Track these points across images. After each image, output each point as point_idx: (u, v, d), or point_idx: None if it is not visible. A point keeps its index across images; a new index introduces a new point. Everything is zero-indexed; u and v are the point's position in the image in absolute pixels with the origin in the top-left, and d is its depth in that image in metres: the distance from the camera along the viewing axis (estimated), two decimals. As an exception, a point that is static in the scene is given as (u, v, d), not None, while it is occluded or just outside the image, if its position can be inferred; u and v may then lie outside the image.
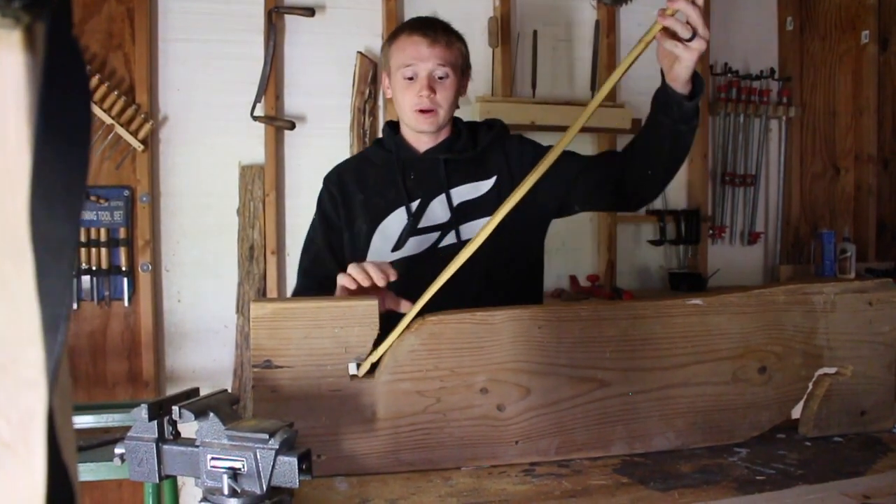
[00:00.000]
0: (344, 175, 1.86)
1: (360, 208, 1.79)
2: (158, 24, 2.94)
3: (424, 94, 1.70)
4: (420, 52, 1.70)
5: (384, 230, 1.76)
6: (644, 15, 3.46)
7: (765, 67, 3.67)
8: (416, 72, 1.71)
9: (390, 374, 1.25)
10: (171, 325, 2.96)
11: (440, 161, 1.76)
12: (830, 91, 3.88)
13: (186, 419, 1.01)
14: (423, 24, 1.76)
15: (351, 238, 1.79)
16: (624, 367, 1.34)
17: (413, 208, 1.75)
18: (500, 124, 1.85)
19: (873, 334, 1.48)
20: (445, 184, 1.75)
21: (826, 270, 3.59)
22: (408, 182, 1.77)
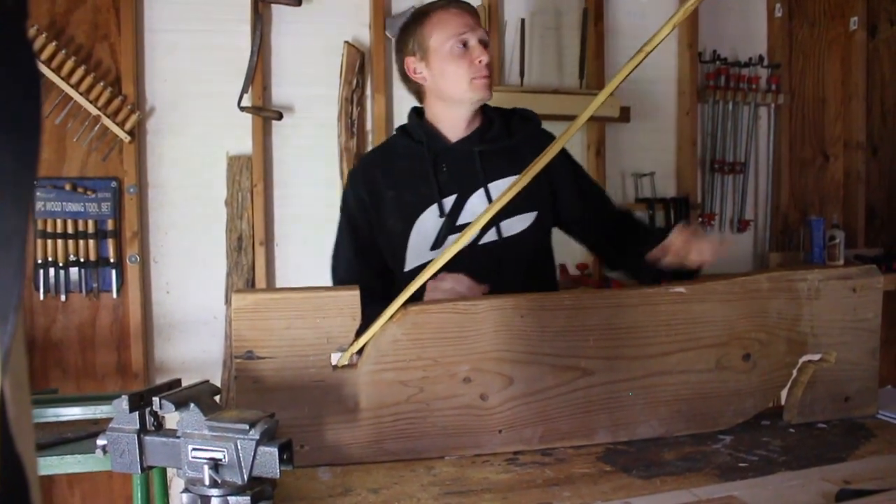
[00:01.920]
0: (371, 172, 1.78)
1: (391, 206, 1.72)
2: (144, 14, 2.92)
3: (484, 59, 1.66)
4: (468, 21, 1.68)
5: (420, 228, 1.70)
6: (632, 3, 3.45)
7: (753, 55, 3.66)
8: (468, 39, 1.67)
9: (373, 365, 1.25)
10: (159, 317, 2.95)
11: (475, 153, 1.71)
12: (819, 78, 3.87)
13: (167, 410, 1.02)
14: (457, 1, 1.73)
15: (387, 239, 1.74)
16: (607, 355, 1.34)
17: (447, 205, 1.69)
18: (536, 119, 1.81)
19: (857, 321, 1.49)
20: (482, 178, 1.70)
21: (815, 257, 3.59)
22: (440, 176, 1.71)
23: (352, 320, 1.24)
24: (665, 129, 3.52)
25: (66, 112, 2.78)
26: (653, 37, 1.32)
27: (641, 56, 1.33)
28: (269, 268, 3.03)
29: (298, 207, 3.07)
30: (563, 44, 3.36)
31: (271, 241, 3.04)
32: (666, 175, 3.55)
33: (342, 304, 1.24)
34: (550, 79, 3.33)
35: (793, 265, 3.63)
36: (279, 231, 3.06)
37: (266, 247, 3.00)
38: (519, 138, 1.73)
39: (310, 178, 3.07)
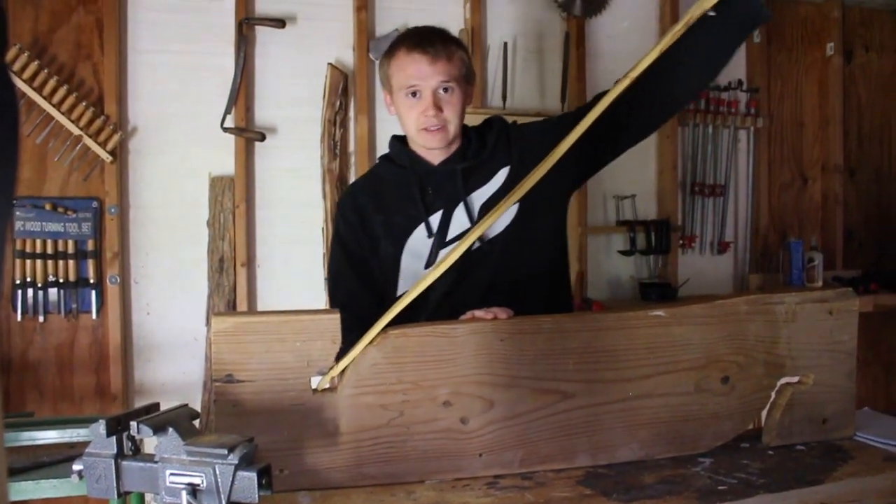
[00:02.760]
0: (359, 198, 1.78)
1: (381, 230, 1.73)
2: (128, 34, 2.93)
3: (430, 113, 1.64)
4: (421, 71, 1.65)
5: (411, 249, 1.70)
6: (613, 27, 3.50)
7: (733, 79, 3.70)
8: (419, 90, 1.65)
9: (353, 388, 1.25)
10: (139, 338, 2.93)
11: (457, 171, 1.71)
12: (797, 102, 3.93)
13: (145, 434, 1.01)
14: (421, 38, 1.69)
15: (379, 263, 1.73)
16: (587, 378, 1.34)
17: (434, 222, 1.70)
18: (497, 120, 1.81)
19: (834, 343, 1.50)
20: (463, 192, 1.70)
21: (794, 279, 3.63)
22: (426, 197, 1.71)
23: (332, 344, 1.24)
24: (646, 152, 3.55)
25: (47, 131, 2.77)
26: (639, 62, 1.33)
27: (627, 81, 1.35)
28: (251, 289, 3.02)
29: (281, 229, 3.07)
30: (545, 67, 3.40)
31: (253, 262, 3.04)
32: (647, 197, 3.58)
33: (322, 328, 1.24)
34: (533, 101, 3.35)
35: (772, 287, 3.66)
36: (261, 252, 3.05)
37: (248, 268, 3.00)
38: (491, 147, 1.74)
39: (292, 199, 3.07)
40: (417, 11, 3.17)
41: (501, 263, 1.67)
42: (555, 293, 1.80)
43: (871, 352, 4.02)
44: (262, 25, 3.01)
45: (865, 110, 4.03)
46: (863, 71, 4.02)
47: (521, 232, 1.68)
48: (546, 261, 1.78)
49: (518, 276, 1.69)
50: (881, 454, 1.42)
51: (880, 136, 4.07)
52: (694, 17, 1.33)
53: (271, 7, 3.05)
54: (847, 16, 3.94)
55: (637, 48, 3.46)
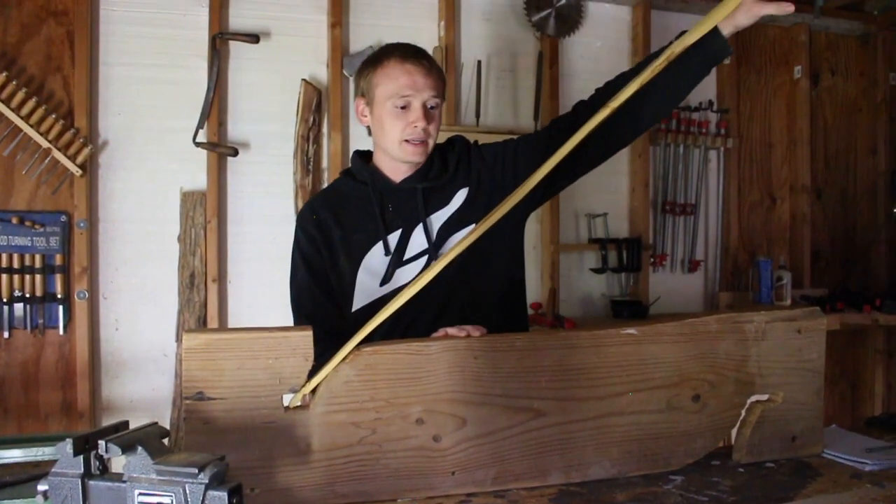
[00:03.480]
0: (319, 211, 1.76)
1: (340, 246, 1.72)
2: (100, 47, 2.91)
3: (420, 125, 1.64)
4: (416, 82, 1.64)
5: (368, 266, 1.70)
6: (586, 47, 3.53)
7: (703, 100, 3.76)
8: (410, 102, 1.64)
9: (325, 406, 1.24)
10: (107, 354, 2.89)
11: (418, 190, 1.71)
12: (766, 123, 4.00)
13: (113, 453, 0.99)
14: (414, 51, 1.69)
15: (337, 278, 1.72)
16: (560, 396, 1.35)
17: (392, 241, 1.70)
18: (460, 140, 1.81)
19: (802, 361, 1.51)
20: (423, 212, 1.70)
21: (763, 297, 3.67)
22: (386, 214, 1.71)
23: (304, 361, 1.23)
24: (618, 171, 3.59)
25: (15, 144, 2.74)
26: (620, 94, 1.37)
27: (607, 111, 1.37)
28: (222, 305, 3.00)
29: (253, 244, 3.05)
30: (518, 85, 3.42)
31: (224, 277, 3.02)
32: (619, 216, 3.61)
33: (294, 345, 1.23)
34: (506, 119, 3.38)
35: (742, 305, 3.70)
36: (233, 268, 3.03)
37: (219, 284, 2.97)
38: (452, 169, 1.75)
39: (265, 215, 3.06)
40: (392, 29, 3.19)
41: (456, 283, 1.67)
42: (509, 313, 1.80)
43: (837, 369, 4.08)
44: (236, 40, 3.01)
45: (831, 132, 4.10)
46: (829, 94, 4.10)
47: (477, 252, 1.67)
48: (501, 281, 1.78)
49: (472, 295, 1.70)
50: (848, 471, 1.44)
51: (846, 158, 4.15)
52: (675, 52, 1.36)
53: (245, 22, 3.05)
54: (814, 40, 4.02)
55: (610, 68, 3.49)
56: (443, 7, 3.25)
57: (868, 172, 4.18)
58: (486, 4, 3.38)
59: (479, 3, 3.37)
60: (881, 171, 4.16)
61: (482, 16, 3.38)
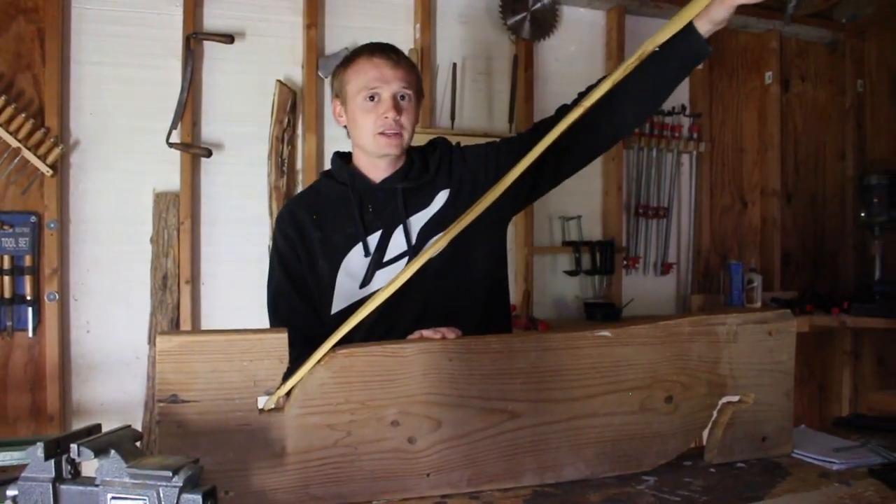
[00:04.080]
0: (297, 213, 1.75)
1: (319, 248, 1.70)
2: (71, 45, 2.87)
3: (390, 115, 1.64)
4: (384, 74, 1.65)
5: (347, 268, 1.68)
6: (560, 51, 3.56)
7: (676, 104, 3.80)
8: (379, 93, 1.65)
9: (300, 408, 1.24)
10: (78, 357, 2.86)
11: (398, 190, 1.70)
12: (738, 128, 4.05)
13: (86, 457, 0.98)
14: (382, 47, 1.71)
15: (316, 281, 1.71)
16: (534, 398, 1.35)
17: (372, 242, 1.69)
18: (441, 141, 1.81)
19: (773, 363, 1.54)
20: (403, 214, 1.69)
21: (734, 300, 3.72)
22: (366, 215, 1.70)
23: (279, 363, 1.23)
24: (592, 174, 3.62)
25: (-18, 143, 2.70)
26: (592, 93, 1.37)
27: (580, 110, 1.38)
28: (195, 307, 2.98)
29: (226, 246, 3.03)
30: (493, 88, 3.44)
31: (198, 279, 2.99)
32: (592, 218, 3.64)
33: (269, 347, 1.22)
34: (481, 122, 3.39)
35: (713, 307, 3.75)
36: (206, 269, 3.01)
37: (192, 285, 2.95)
38: (433, 170, 1.75)
39: (238, 216, 3.04)
40: (367, 30, 3.18)
41: (436, 286, 1.67)
42: (491, 314, 1.80)
43: (806, 370, 4.14)
44: (210, 41, 2.99)
45: (801, 137, 4.17)
46: (799, 100, 4.17)
47: (457, 255, 1.67)
48: (482, 284, 1.78)
49: (452, 298, 1.69)
50: (817, 470, 1.46)
51: (815, 163, 4.21)
52: (646, 51, 1.37)
53: (220, 22, 3.03)
54: (785, 46, 4.08)
55: (584, 71, 3.54)
56: (418, 9, 3.26)
57: (836, 177, 4.25)
58: (462, 7, 3.40)
59: (455, 5, 3.38)
60: (849, 177, 4.23)
61: (458, 18, 3.39)
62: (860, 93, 4.22)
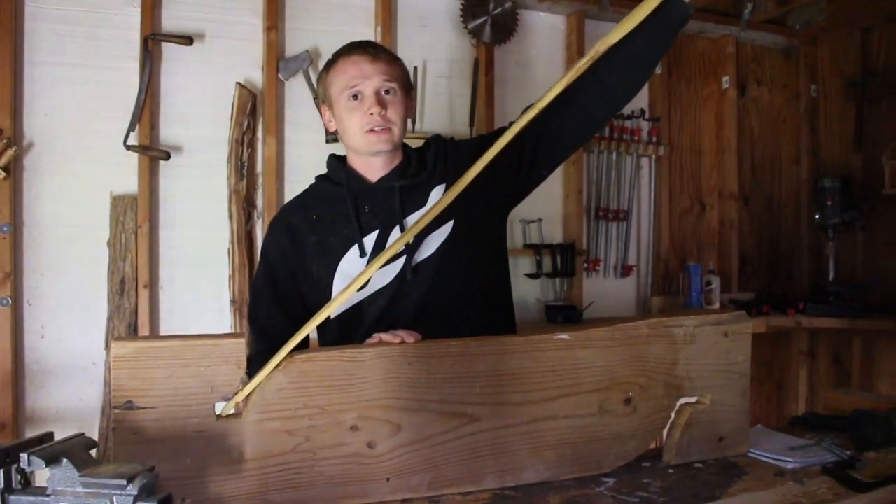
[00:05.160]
0: (292, 219, 1.73)
1: (314, 252, 1.68)
2: (25, 45, 2.81)
3: (375, 110, 1.61)
4: (363, 70, 1.62)
5: (344, 270, 1.65)
6: (521, 55, 3.58)
7: (636, 108, 3.84)
8: (361, 91, 1.62)
9: (258, 414, 1.23)
10: (32, 363, 2.80)
11: (395, 189, 1.67)
12: (696, 131, 4.11)
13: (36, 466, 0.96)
14: (360, 44, 1.68)
15: (312, 285, 1.68)
16: (493, 401, 1.36)
17: (368, 243, 1.65)
18: (435, 138, 1.79)
19: (729, 364, 1.56)
20: (400, 213, 1.66)
21: (693, 301, 3.77)
22: (362, 216, 1.67)
23: (236, 368, 1.21)
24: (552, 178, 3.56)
25: (-67, 146, 2.63)
26: (545, 94, 1.37)
27: (535, 111, 1.38)
28: (154, 311, 2.93)
29: (185, 250, 3.00)
30: (454, 91, 3.44)
31: (156, 284, 2.95)
32: (553, 221, 3.66)
33: (227, 353, 1.21)
34: (442, 125, 3.39)
35: (673, 309, 3.79)
36: (164, 274, 2.97)
37: (150, 290, 2.91)
38: (431, 166, 1.72)
39: (198, 219, 3.01)
40: (328, 33, 3.17)
41: (436, 284, 1.65)
42: (493, 312, 1.78)
43: (764, 370, 4.21)
44: (169, 42, 2.95)
45: (758, 141, 4.24)
46: (755, 104, 4.24)
47: (457, 252, 1.66)
48: (482, 280, 1.75)
49: (453, 296, 1.67)
50: (772, 469, 1.48)
51: (771, 166, 4.29)
52: (599, 52, 1.38)
53: (179, 23, 2.99)
54: (741, 51, 4.15)
55: (544, 75, 3.57)
56: (379, 12, 3.25)
57: (792, 180, 4.33)
58: (423, 11, 3.40)
59: (416, 9, 3.38)
60: (804, 180, 4.31)
61: (419, 22, 3.39)
62: (814, 97, 4.31)
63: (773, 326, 3.71)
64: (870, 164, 3.95)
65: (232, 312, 3.00)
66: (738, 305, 3.74)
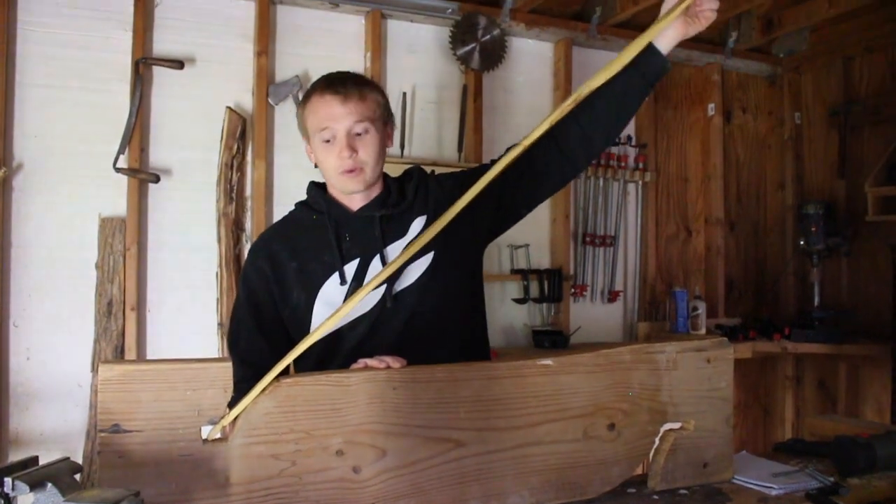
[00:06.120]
0: (272, 245, 1.74)
1: (294, 278, 1.68)
2: (16, 67, 2.83)
3: (345, 154, 1.63)
4: (333, 112, 1.64)
5: (324, 298, 1.66)
6: (509, 81, 3.61)
7: (623, 135, 3.87)
8: (333, 133, 1.64)
9: (244, 438, 1.23)
10: (17, 385, 2.79)
11: (376, 218, 1.69)
12: (682, 158, 4.15)
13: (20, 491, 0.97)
14: (332, 81, 1.69)
15: (291, 312, 1.69)
16: (479, 426, 1.37)
17: (349, 271, 1.67)
18: (416, 170, 1.80)
19: (712, 390, 1.58)
20: (381, 243, 1.68)
21: (680, 327, 3.78)
22: (343, 243, 1.69)
23: (223, 392, 1.22)
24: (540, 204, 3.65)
25: (-78, 167, 2.63)
26: (531, 132, 1.40)
27: (520, 149, 1.41)
28: (141, 334, 2.93)
29: (173, 272, 3.00)
30: (443, 117, 3.47)
31: (143, 306, 2.95)
32: (540, 247, 3.68)
33: (213, 376, 1.22)
34: (430, 150, 3.42)
35: (659, 334, 3.81)
36: (152, 296, 2.97)
37: (137, 312, 2.91)
38: (411, 198, 1.74)
39: (186, 242, 3.01)
40: (318, 58, 3.20)
41: (415, 313, 1.66)
42: (469, 341, 1.79)
43: (750, 395, 4.23)
44: (160, 66, 2.97)
45: (743, 167, 4.28)
46: (740, 131, 4.29)
47: (435, 282, 1.68)
48: (460, 311, 1.77)
49: (431, 325, 1.68)
50: (756, 496, 1.50)
51: (756, 192, 4.33)
52: (582, 94, 1.42)
53: (170, 48, 3.02)
54: (726, 79, 4.20)
55: (532, 102, 3.60)
56: (369, 38, 3.28)
57: (777, 206, 4.38)
58: (412, 37, 3.43)
59: (406, 35, 3.42)
60: (789, 206, 4.35)
61: (408, 48, 3.42)
62: (798, 125, 4.36)
63: (758, 351, 3.73)
64: (853, 191, 3.99)
65: (219, 336, 3.00)
66: (725, 331, 3.76)
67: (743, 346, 3.60)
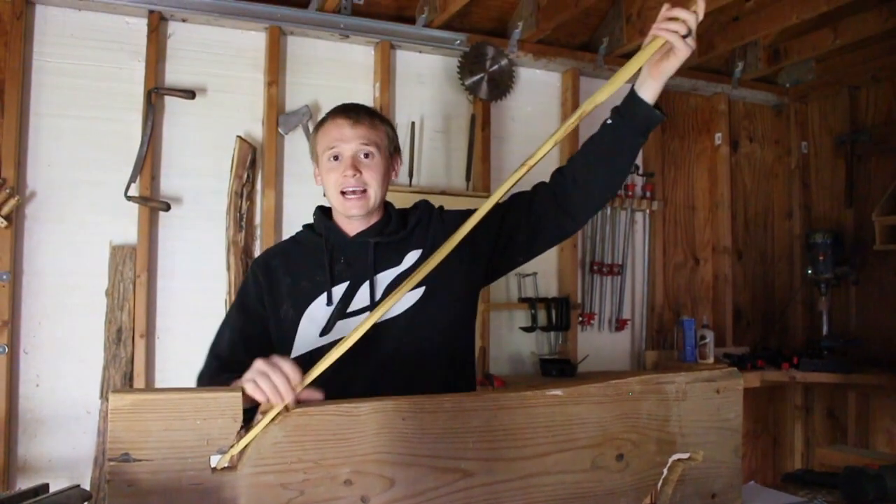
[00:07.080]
0: (271, 260, 1.81)
1: (286, 292, 1.74)
2: (31, 97, 2.87)
3: (349, 173, 1.68)
4: (343, 133, 1.70)
5: (311, 314, 1.71)
6: (517, 111, 3.64)
7: (630, 163, 3.89)
8: (339, 153, 1.70)
9: (253, 467, 1.23)
10: (26, 412, 2.80)
11: (370, 244, 1.73)
12: (689, 187, 4.16)
13: (32, 519, 0.97)
14: (346, 108, 1.76)
15: (278, 325, 1.74)
16: (487, 457, 1.37)
17: (337, 292, 1.71)
18: (423, 203, 1.85)
19: (721, 420, 1.57)
20: (372, 269, 1.72)
21: (688, 356, 3.77)
22: (336, 266, 1.74)
23: (233, 422, 1.23)
24: (538, 256, 3.66)
25: (-65, 194, 2.67)
26: (535, 152, 1.41)
27: (524, 170, 1.42)
28: (150, 361, 2.94)
29: (183, 300, 3.02)
30: (451, 146, 3.50)
31: (153, 333, 2.97)
32: (548, 275, 3.68)
33: (223, 406, 1.22)
34: (438, 179, 3.44)
35: (667, 363, 3.80)
36: (161, 324, 2.99)
37: (147, 339, 2.92)
38: (410, 228, 1.77)
39: (196, 270, 3.03)
40: (328, 88, 3.24)
41: (400, 342, 1.69)
42: (454, 375, 1.80)
43: (759, 425, 4.20)
44: (172, 96, 3.01)
45: (750, 196, 4.30)
46: (747, 160, 4.31)
47: (423, 315, 1.71)
48: (447, 344, 1.78)
49: (416, 356, 1.70)
50: (765, 528, 1.49)
51: (764, 221, 4.34)
52: (586, 111, 1.43)
53: (181, 78, 3.06)
54: (733, 109, 4.23)
55: (540, 131, 3.63)
56: (378, 69, 3.32)
57: (784, 235, 4.38)
58: (421, 68, 3.47)
59: (414, 66, 3.46)
60: (796, 234, 4.36)
61: (417, 79, 3.46)
62: (805, 154, 4.38)
63: (767, 381, 3.71)
64: (861, 220, 4.00)
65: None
66: (733, 359, 3.75)
67: (751, 375, 3.59)
